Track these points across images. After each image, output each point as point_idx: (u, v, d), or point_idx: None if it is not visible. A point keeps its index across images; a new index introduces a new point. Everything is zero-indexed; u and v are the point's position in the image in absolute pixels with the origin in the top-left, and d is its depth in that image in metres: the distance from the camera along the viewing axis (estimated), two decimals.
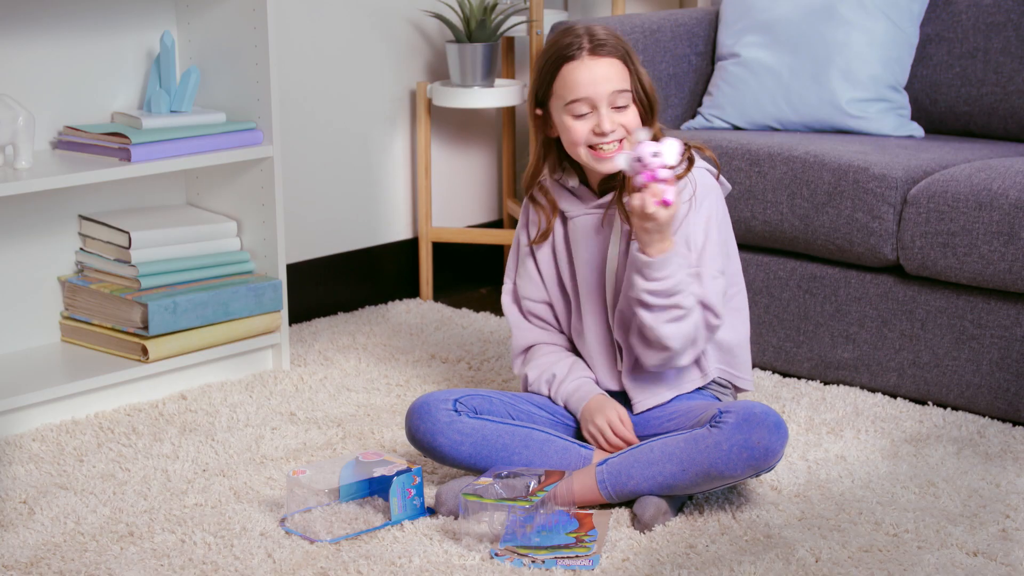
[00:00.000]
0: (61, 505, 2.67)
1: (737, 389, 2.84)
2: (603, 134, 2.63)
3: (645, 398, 2.73)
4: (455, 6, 3.94)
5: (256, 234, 3.42)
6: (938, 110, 3.57)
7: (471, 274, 4.20)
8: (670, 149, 2.52)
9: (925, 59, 3.56)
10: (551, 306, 2.84)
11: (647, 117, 2.68)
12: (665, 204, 2.51)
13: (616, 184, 2.70)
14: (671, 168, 2.52)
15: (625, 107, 2.65)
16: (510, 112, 4.15)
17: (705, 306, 2.65)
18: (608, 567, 2.44)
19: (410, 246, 4.06)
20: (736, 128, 3.57)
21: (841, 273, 3.22)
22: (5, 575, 2.41)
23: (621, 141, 2.65)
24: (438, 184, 4.11)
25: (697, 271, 2.65)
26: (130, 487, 2.76)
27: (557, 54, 2.67)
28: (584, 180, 2.76)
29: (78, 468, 2.84)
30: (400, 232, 4.05)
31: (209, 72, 3.40)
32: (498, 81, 3.96)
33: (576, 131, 2.65)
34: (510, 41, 4.14)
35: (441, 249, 4.11)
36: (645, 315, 2.61)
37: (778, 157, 3.25)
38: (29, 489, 2.74)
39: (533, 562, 2.44)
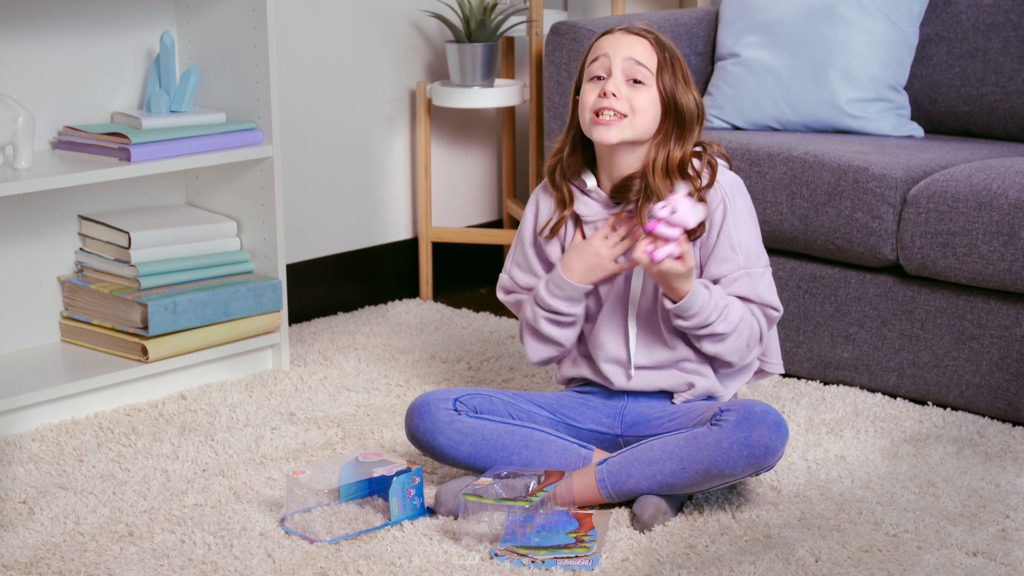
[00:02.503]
0: (61, 505, 2.67)
1: (766, 374, 2.85)
2: (605, 95, 2.61)
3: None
4: (455, 6, 3.94)
5: (256, 234, 3.42)
6: (938, 110, 3.57)
7: (471, 274, 4.20)
8: (691, 214, 2.52)
9: (925, 59, 3.56)
10: None
11: (671, 129, 2.64)
12: (652, 259, 2.52)
13: (632, 188, 2.68)
14: (680, 230, 2.52)
15: (642, 86, 2.63)
16: (510, 112, 4.15)
17: (763, 304, 2.68)
18: (608, 567, 2.44)
19: (410, 246, 4.06)
20: (736, 128, 3.56)
21: (841, 273, 3.21)
22: (5, 575, 2.41)
23: (624, 116, 2.62)
24: (438, 184, 4.11)
25: (747, 272, 2.67)
26: (130, 487, 2.75)
27: (598, 35, 2.69)
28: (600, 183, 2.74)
29: (78, 468, 2.84)
30: (400, 232, 4.05)
31: (209, 72, 3.40)
32: (498, 81, 3.96)
33: (586, 95, 2.65)
34: (510, 41, 4.14)
35: (441, 249, 4.11)
36: (692, 340, 2.67)
37: (778, 157, 3.25)
38: (29, 489, 2.74)
39: (533, 562, 2.44)
